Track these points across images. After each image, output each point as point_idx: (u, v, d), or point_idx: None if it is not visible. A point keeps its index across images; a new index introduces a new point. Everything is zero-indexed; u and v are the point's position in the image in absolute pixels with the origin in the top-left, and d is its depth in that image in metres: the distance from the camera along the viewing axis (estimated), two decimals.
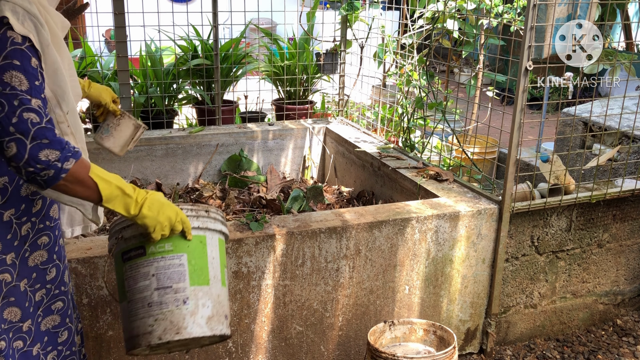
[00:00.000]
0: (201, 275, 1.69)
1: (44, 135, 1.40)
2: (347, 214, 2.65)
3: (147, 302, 1.63)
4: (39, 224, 1.63)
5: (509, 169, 2.73)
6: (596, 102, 4.24)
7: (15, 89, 1.38)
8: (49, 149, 1.40)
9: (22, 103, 1.38)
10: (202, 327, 1.66)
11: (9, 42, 1.40)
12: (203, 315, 1.67)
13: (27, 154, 1.38)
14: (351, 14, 4.16)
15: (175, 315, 1.63)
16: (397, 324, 2.60)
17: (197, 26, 4.67)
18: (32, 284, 1.63)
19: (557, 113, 6.47)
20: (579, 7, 3.16)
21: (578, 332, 3.24)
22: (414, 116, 3.71)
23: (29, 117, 1.38)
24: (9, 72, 1.38)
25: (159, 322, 1.62)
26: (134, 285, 1.65)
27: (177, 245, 1.67)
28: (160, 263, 1.65)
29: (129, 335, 1.67)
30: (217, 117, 4.27)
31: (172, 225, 1.62)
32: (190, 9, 4.27)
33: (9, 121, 1.37)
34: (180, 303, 1.64)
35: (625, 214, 3.15)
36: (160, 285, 1.64)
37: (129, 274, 1.67)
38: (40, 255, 1.64)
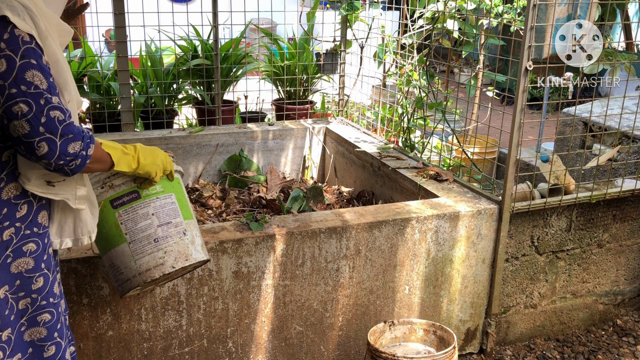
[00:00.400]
0: (187, 210, 1.94)
1: (70, 131, 1.48)
2: (347, 214, 2.65)
3: (152, 238, 1.83)
4: (24, 229, 1.58)
5: (509, 169, 2.73)
6: (596, 102, 4.24)
7: (38, 88, 1.42)
8: (74, 142, 1.49)
9: (47, 102, 1.43)
10: (200, 252, 1.94)
11: (20, 40, 1.41)
12: (198, 243, 1.94)
13: (58, 151, 1.46)
14: (351, 14, 4.16)
15: (181, 246, 1.87)
16: (397, 324, 2.60)
17: (197, 26, 4.67)
18: (14, 291, 1.57)
19: (557, 113, 6.47)
20: (579, 7, 3.16)
21: (578, 332, 3.24)
22: (414, 116, 3.71)
23: (55, 115, 1.44)
24: (30, 71, 1.42)
25: (168, 253, 1.84)
26: (134, 226, 1.82)
27: (166, 187, 1.89)
28: (156, 203, 1.86)
29: (135, 273, 1.83)
30: (217, 117, 4.27)
31: (164, 168, 1.83)
32: (190, 9, 4.27)
33: (38, 121, 1.42)
34: (181, 235, 1.88)
35: (625, 214, 3.15)
36: (161, 222, 1.85)
37: (125, 217, 1.82)
38: (26, 262, 1.58)
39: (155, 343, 2.38)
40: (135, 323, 2.32)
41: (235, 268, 2.41)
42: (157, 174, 1.80)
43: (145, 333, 2.35)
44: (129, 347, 2.35)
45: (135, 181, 1.83)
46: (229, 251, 2.38)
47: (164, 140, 3.79)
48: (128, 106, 3.97)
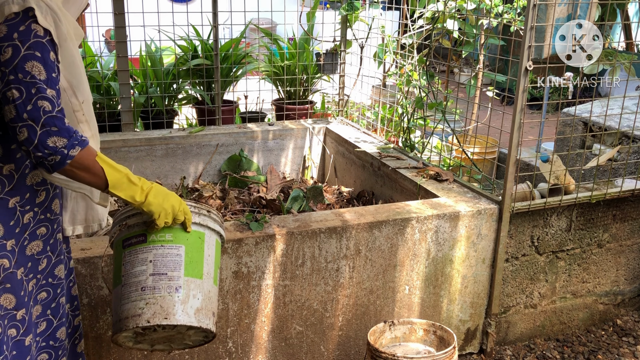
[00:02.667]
0: (196, 268, 1.77)
1: (53, 123, 1.48)
2: (347, 214, 2.65)
3: (140, 286, 1.71)
4: (40, 214, 1.67)
5: (509, 169, 2.73)
6: (596, 102, 4.24)
7: (34, 78, 1.46)
8: (57, 136, 1.48)
9: (39, 91, 1.46)
10: (190, 316, 1.72)
11: (32, 34, 1.47)
12: (192, 305, 1.73)
13: (36, 140, 1.46)
14: (351, 14, 4.16)
15: (166, 301, 1.70)
16: (397, 324, 2.61)
17: (197, 26, 4.66)
18: (27, 272, 1.66)
19: (557, 113, 6.47)
20: (579, 7, 3.16)
21: (578, 332, 3.24)
22: (414, 116, 3.71)
23: (42, 105, 1.46)
24: (31, 62, 1.46)
25: (149, 305, 1.69)
26: (131, 269, 1.73)
27: (177, 237, 1.76)
28: (159, 250, 1.73)
29: (118, 318, 1.73)
30: (217, 117, 4.27)
31: (175, 214, 1.70)
32: (190, 9, 4.27)
33: (24, 107, 1.45)
34: (172, 290, 1.72)
35: (625, 214, 3.15)
36: (155, 272, 1.72)
37: (127, 259, 1.75)
38: (37, 245, 1.68)
39: None
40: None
41: (235, 268, 2.41)
42: (160, 216, 1.68)
43: None
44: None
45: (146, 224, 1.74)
46: (229, 251, 2.38)
47: (164, 140, 3.79)
48: (128, 106, 3.97)
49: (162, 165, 3.82)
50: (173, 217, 1.70)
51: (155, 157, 3.79)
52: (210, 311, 1.78)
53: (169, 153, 3.82)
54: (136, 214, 1.75)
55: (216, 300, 1.84)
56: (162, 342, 1.84)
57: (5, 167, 1.57)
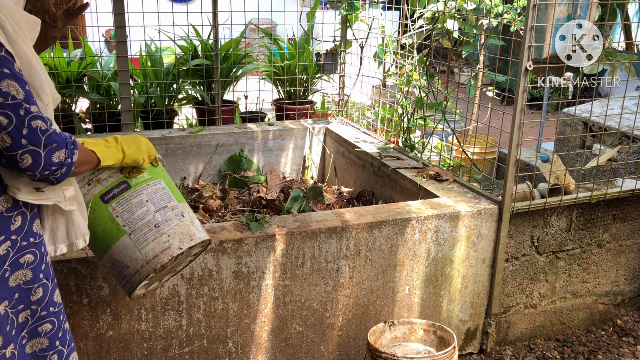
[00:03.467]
0: (178, 195, 1.91)
1: (53, 140, 1.43)
2: (347, 214, 2.65)
3: (153, 223, 1.78)
4: (21, 241, 1.53)
5: (509, 169, 2.73)
6: (596, 102, 4.24)
7: (15, 99, 1.36)
8: (58, 150, 1.45)
9: (27, 112, 1.38)
10: (201, 232, 1.89)
11: None
12: (196, 223, 1.90)
13: (42, 162, 1.42)
14: (351, 14, 4.16)
15: (183, 227, 1.83)
16: (397, 324, 2.60)
17: (197, 26, 4.67)
18: (14, 305, 1.53)
19: (557, 113, 6.47)
20: (579, 7, 3.16)
21: (578, 332, 3.24)
22: (414, 116, 3.71)
23: (37, 125, 1.39)
24: (5, 82, 1.35)
25: (172, 236, 1.79)
26: (132, 215, 1.77)
27: (153, 173, 1.85)
28: (148, 190, 1.81)
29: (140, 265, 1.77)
30: (217, 117, 4.27)
31: (149, 154, 1.79)
32: (190, 9, 4.27)
33: (19, 133, 1.36)
34: (180, 217, 1.84)
35: (625, 214, 3.15)
36: (158, 207, 1.80)
37: (120, 209, 1.77)
38: (24, 274, 1.54)
39: (155, 343, 2.38)
40: (135, 323, 2.32)
41: (235, 268, 2.41)
42: (144, 160, 1.75)
43: (145, 333, 2.35)
44: (129, 347, 2.35)
45: (122, 172, 1.78)
46: (229, 251, 2.38)
47: (164, 140, 3.79)
48: (128, 106, 3.97)
49: None
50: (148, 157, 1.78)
51: None
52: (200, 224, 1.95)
53: (169, 153, 3.82)
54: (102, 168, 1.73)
55: None
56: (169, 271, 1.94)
57: None
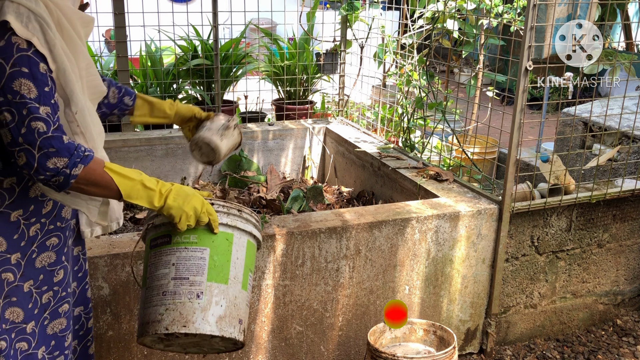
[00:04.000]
0: (220, 273, 1.68)
1: (50, 144, 1.41)
2: (347, 214, 2.65)
3: (162, 290, 1.64)
4: (49, 225, 1.61)
5: (509, 169, 2.73)
6: (596, 102, 4.24)
7: (24, 97, 1.38)
8: (56, 157, 1.42)
9: (30, 112, 1.39)
10: (210, 325, 1.64)
11: (14, 48, 1.38)
12: (214, 313, 1.64)
13: (36, 163, 1.41)
14: (351, 14, 4.16)
15: (186, 308, 1.63)
16: None
17: (197, 26, 4.66)
18: (38, 285, 1.61)
19: (557, 113, 6.47)
20: (579, 7, 3.16)
21: (578, 332, 3.24)
22: (414, 116, 3.71)
23: (36, 126, 1.40)
24: (18, 80, 1.38)
25: (168, 311, 1.62)
26: (155, 272, 1.67)
27: (202, 239, 1.67)
28: (182, 253, 1.66)
29: (141, 322, 1.68)
30: None
31: (198, 215, 1.62)
32: (190, 9, 4.26)
33: (18, 132, 1.39)
34: (193, 296, 1.63)
35: (625, 214, 3.15)
36: (177, 276, 1.64)
37: (152, 260, 1.69)
38: (49, 256, 1.62)
39: None
40: (135, 323, 2.32)
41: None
42: (181, 219, 1.60)
43: None
44: (129, 347, 2.35)
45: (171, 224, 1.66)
46: None
47: (164, 140, 3.79)
48: None
49: (162, 165, 3.82)
50: (196, 219, 1.62)
51: (155, 157, 3.79)
52: (235, 318, 1.69)
53: (169, 153, 3.81)
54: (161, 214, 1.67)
55: (245, 307, 1.74)
56: (192, 346, 1.77)
57: (6, 181, 1.52)
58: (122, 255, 2.23)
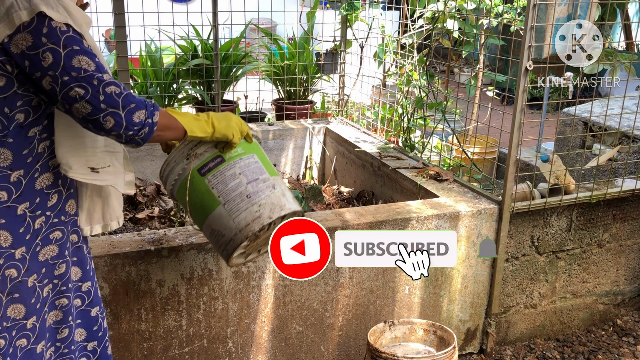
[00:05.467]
0: (270, 169, 2.01)
1: (130, 101, 1.53)
2: (347, 214, 2.65)
3: (245, 194, 1.90)
4: (53, 218, 1.64)
5: (509, 169, 2.73)
6: (596, 102, 4.24)
7: (87, 71, 1.47)
8: (137, 110, 1.54)
9: (100, 80, 1.49)
10: (292, 203, 1.99)
11: (58, 31, 1.46)
12: (288, 195, 2.00)
13: (124, 121, 1.51)
14: (351, 14, 4.16)
15: (273, 198, 1.94)
16: (397, 324, 2.61)
17: (197, 26, 4.67)
18: (41, 279, 1.63)
19: (557, 113, 6.47)
20: (579, 7, 3.16)
21: (578, 332, 3.24)
22: (414, 116, 3.71)
23: (111, 90, 1.50)
24: (76, 58, 1.47)
25: (263, 206, 1.90)
26: (226, 187, 1.90)
27: (246, 149, 1.96)
28: (241, 163, 1.92)
29: (234, 233, 1.89)
30: None
31: (241, 130, 1.89)
32: (190, 9, 4.26)
33: (97, 100, 1.48)
34: (271, 188, 1.94)
35: (625, 214, 3.15)
36: (250, 180, 1.92)
37: (215, 181, 1.90)
38: (51, 249, 1.64)
39: (155, 343, 2.38)
40: (135, 323, 2.32)
41: (235, 268, 2.41)
42: (234, 135, 1.85)
43: (145, 333, 2.35)
44: (129, 347, 2.35)
45: (217, 147, 1.90)
46: None
47: None
48: None
49: (162, 165, 3.81)
50: (239, 133, 1.87)
51: (155, 157, 3.79)
52: (294, 197, 2.08)
53: None
54: (200, 144, 1.88)
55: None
56: (264, 243, 2.04)
57: (13, 174, 1.54)
58: (122, 255, 2.23)
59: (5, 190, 1.52)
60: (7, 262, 1.54)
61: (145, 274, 2.28)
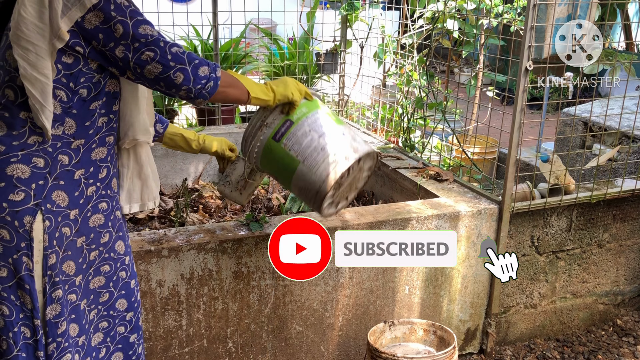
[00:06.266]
0: (336, 118, 2.12)
1: (193, 57, 1.68)
2: (347, 214, 2.65)
3: (319, 147, 2.00)
4: (102, 189, 1.77)
5: (509, 169, 2.73)
6: (596, 102, 4.24)
7: (153, 36, 1.63)
8: (202, 66, 1.69)
9: (165, 42, 1.65)
10: (364, 145, 2.09)
11: (122, 6, 1.61)
12: (358, 139, 2.10)
13: (191, 75, 1.67)
14: (351, 14, 4.16)
15: (345, 143, 2.04)
16: (397, 324, 2.61)
17: (197, 26, 4.67)
18: (89, 243, 1.75)
19: (557, 113, 6.47)
20: (579, 7, 3.16)
21: (578, 332, 3.24)
22: (414, 116, 3.71)
23: (176, 50, 1.66)
24: (141, 27, 1.62)
25: (338, 153, 2.01)
26: (300, 146, 2.01)
27: (309, 107, 2.07)
28: (308, 121, 2.03)
29: (319, 184, 2.00)
30: (217, 117, 4.27)
31: (299, 89, 2.01)
32: (190, 9, 4.26)
33: (166, 59, 1.64)
34: (341, 135, 2.05)
35: (625, 214, 3.15)
36: (320, 133, 2.02)
37: (290, 143, 2.02)
38: (99, 218, 1.77)
39: (155, 343, 2.38)
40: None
41: (235, 268, 2.41)
42: (293, 94, 1.97)
43: (145, 333, 2.35)
44: None
45: (282, 112, 2.03)
46: (229, 251, 2.38)
47: None
48: None
49: (162, 165, 3.81)
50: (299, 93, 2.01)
51: (155, 157, 3.75)
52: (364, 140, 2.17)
53: (169, 153, 3.81)
54: (266, 113, 2.03)
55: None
56: (349, 190, 2.16)
57: (75, 142, 1.68)
58: None
59: (67, 155, 1.67)
60: (63, 220, 1.67)
61: (145, 274, 2.28)
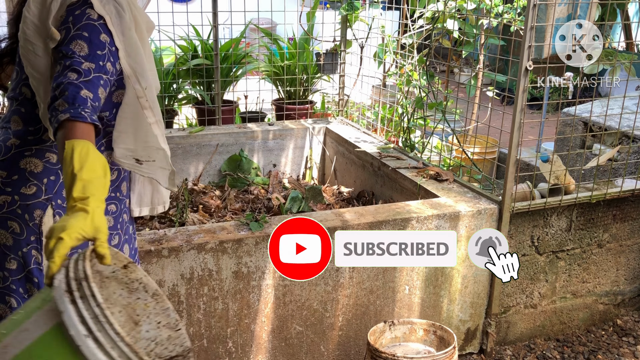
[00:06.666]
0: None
1: (67, 89, 1.44)
2: (347, 214, 2.65)
3: None
4: (111, 192, 1.76)
5: (509, 169, 2.73)
6: (596, 102, 4.24)
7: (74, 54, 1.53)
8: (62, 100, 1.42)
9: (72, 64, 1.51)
10: None
11: (85, 17, 1.57)
12: None
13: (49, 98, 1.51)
14: (351, 14, 4.16)
15: None
16: (397, 324, 2.61)
17: (197, 26, 4.66)
18: None
19: (557, 113, 6.47)
20: (579, 7, 3.16)
21: (578, 332, 3.24)
22: (414, 116, 3.71)
23: (69, 75, 1.50)
24: (75, 41, 1.55)
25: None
26: None
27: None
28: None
29: None
30: (217, 117, 4.27)
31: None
32: (190, 9, 4.26)
33: (57, 77, 1.52)
34: None
35: (625, 214, 3.15)
36: None
37: None
38: (108, 220, 1.75)
39: None
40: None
41: (235, 268, 2.41)
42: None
43: None
44: None
45: None
46: (229, 251, 2.38)
47: None
48: None
49: None
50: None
51: None
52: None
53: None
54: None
55: None
56: None
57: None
58: None
59: None
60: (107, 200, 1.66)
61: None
